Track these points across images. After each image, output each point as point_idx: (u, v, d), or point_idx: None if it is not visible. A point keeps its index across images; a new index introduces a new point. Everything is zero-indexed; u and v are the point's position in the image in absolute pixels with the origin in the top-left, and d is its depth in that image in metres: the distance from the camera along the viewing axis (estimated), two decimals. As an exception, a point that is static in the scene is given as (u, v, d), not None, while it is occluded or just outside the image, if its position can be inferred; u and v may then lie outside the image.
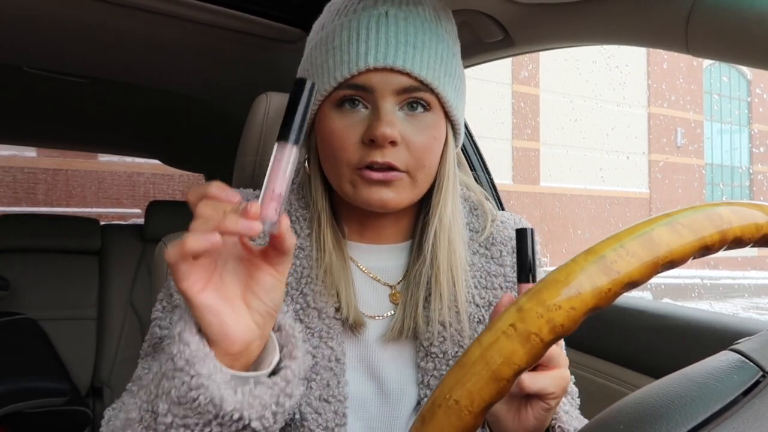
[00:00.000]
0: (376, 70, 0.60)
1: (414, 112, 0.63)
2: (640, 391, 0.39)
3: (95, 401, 2.12)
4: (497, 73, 16.85)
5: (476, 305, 0.70)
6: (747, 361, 0.39)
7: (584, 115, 18.35)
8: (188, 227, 0.46)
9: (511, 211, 0.84)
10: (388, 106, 0.61)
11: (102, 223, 2.36)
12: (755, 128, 22.48)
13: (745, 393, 0.37)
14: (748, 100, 22.46)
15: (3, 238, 2.14)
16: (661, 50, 0.82)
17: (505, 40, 1.05)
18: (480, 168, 1.49)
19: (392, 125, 0.60)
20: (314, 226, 0.68)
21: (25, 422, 1.78)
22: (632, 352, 1.15)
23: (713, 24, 0.69)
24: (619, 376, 1.16)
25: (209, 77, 1.67)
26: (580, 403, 0.73)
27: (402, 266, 0.72)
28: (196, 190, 0.48)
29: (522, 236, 0.61)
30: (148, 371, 0.62)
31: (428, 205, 0.69)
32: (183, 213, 0.47)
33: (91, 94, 1.94)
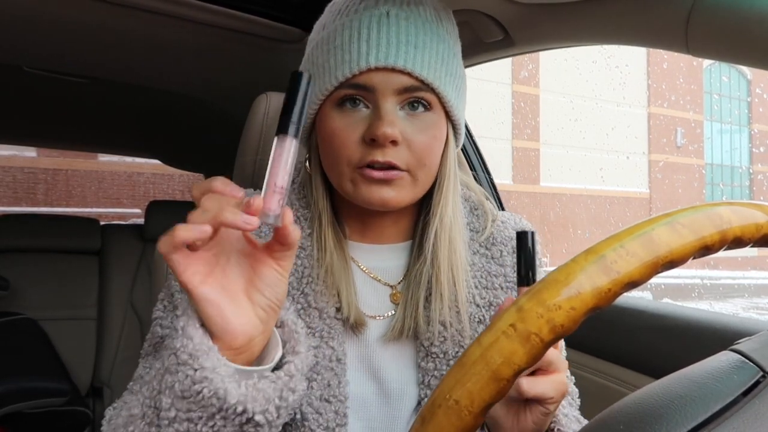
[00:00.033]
0: (378, 69, 0.61)
1: (415, 112, 0.63)
2: (640, 391, 0.39)
3: (95, 401, 2.12)
4: (497, 73, 16.85)
5: (477, 305, 0.70)
6: (747, 361, 0.39)
7: (584, 115, 18.35)
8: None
9: (511, 211, 0.84)
10: (389, 105, 0.61)
11: (102, 223, 2.36)
12: (755, 128, 22.48)
13: (745, 393, 0.36)
14: (748, 100, 22.45)
15: (3, 238, 2.14)
16: (661, 50, 0.82)
17: (505, 40, 1.05)
18: (480, 168, 1.49)
19: (393, 125, 0.60)
20: (315, 225, 0.68)
21: (25, 422, 1.78)
22: (632, 352, 1.15)
23: (713, 24, 0.69)
24: (619, 376, 1.16)
25: (209, 77, 1.67)
26: (580, 403, 0.73)
27: (403, 266, 0.72)
28: (200, 185, 0.49)
29: (522, 239, 0.60)
30: (149, 370, 0.62)
31: (429, 205, 0.69)
32: (183, 213, 0.47)
33: (91, 94, 1.94)
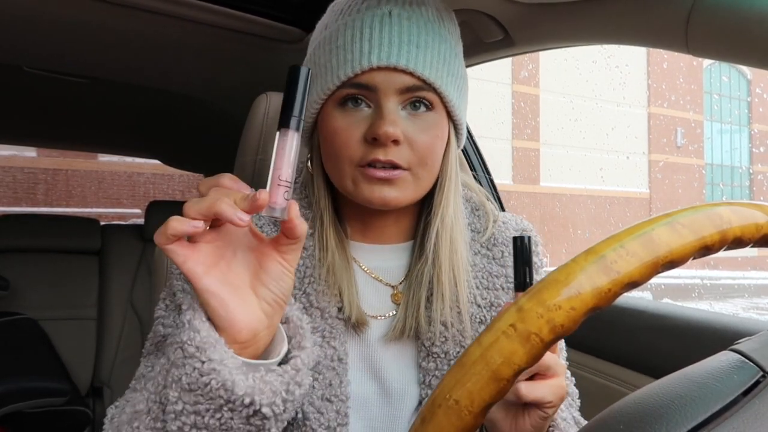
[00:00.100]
0: (380, 69, 0.61)
1: (416, 112, 0.63)
2: (640, 391, 0.39)
3: (95, 401, 2.12)
4: (497, 73, 16.85)
5: (478, 305, 0.70)
6: (747, 361, 0.39)
7: (584, 115, 18.34)
8: None
9: (511, 211, 0.84)
10: (390, 105, 0.61)
11: (102, 223, 2.37)
12: (755, 128, 22.48)
13: (745, 393, 0.36)
14: (748, 100, 22.45)
15: (3, 238, 2.15)
16: (661, 50, 0.82)
17: (505, 40, 1.05)
18: (480, 168, 1.49)
19: (395, 124, 0.60)
20: (317, 225, 0.68)
21: (25, 422, 1.78)
22: (632, 352, 1.15)
23: (713, 24, 0.69)
24: (619, 376, 1.16)
25: (209, 77, 1.67)
26: (580, 403, 0.73)
27: (404, 266, 0.72)
28: (208, 181, 0.49)
29: (517, 244, 0.59)
30: (151, 369, 0.62)
31: (430, 205, 0.70)
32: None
33: (91, 94, 1.94)
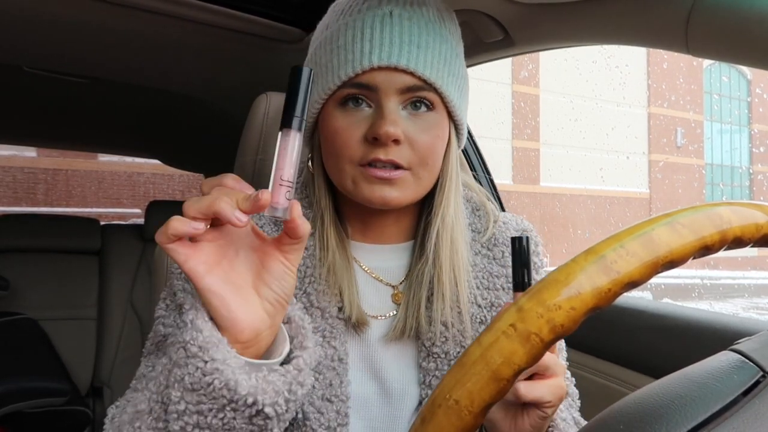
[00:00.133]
0: (380, 69, 0.61)
1: (417, 112, 0.63)
2: (640, 391, 0.39)
3: (95, 401, 2.12)
4: (497, 73, 16.85)
5: (478, 306, 0.70)
6: (747, 361, 0.39)
7: (584, 115, 18.34)
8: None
9: (512, 211, 0.84)
10: (391, 105, 0.61)
11: (102, 223, 2.37)
12: (755, 128, 22.47)
13: (745, 393, 0.36)
14: (748, 100, 22.45)
15: (3, 238, 2.15)
16: (661, 50, 0.82)
17: (505, 40, 1.05)
18: (480, 168, 1.49)
19: (396, 124, 0.60)
20: (317, 225, 0.68)
21: (25, 422, 1.78)
22: (632, 352, 1.15)
23: (713, 24, 0.69)
24: (619, 376, 1.16)
25: (209, 77, 1.67)
26: (580, 404, 0.73)
27: (404, 266, 0.72)
28: (211, 181, 0.49)
29: (515, 245, 0.59)
30: (152, 369, 0.62)
31: (431, 205, 0.70)
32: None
33: (91, 94, 1.94)
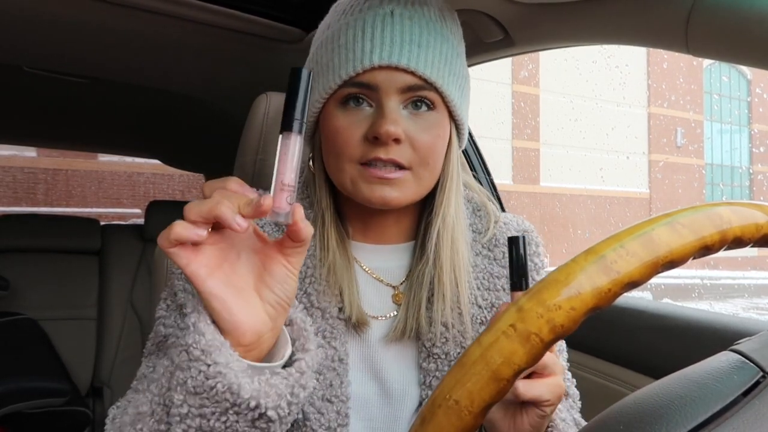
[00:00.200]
0: (381, 68, 0.61)
1: (418, 111, 0.63)
2: (640, 391, 0.39)
3: (95, 401, 2.12)
4: (497, 73, 16.85)
5: (479, 306, 0.70)
6: (747, 361, 0.39)
7: (584, 115, 18.33)
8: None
9: (512, 211, 0.84)
10: (392, 104, 0.61)
11: (102, 223, 2.37)
12: (755, 128, 22.47)
13: (745, 393, 0.36)
14: (748, 100, 22.44)
15: (3, 238, 2.14)
16: (661, 50, 0.82)
17: (505, 40, 1.05)
18: (480, 168, 1.49)
19: (396, 123, 0.60)
20: (318, 224, 0.68)
21: (25, 422, 1.78)
22: (632, 352, 1.15)
23: (713, 24, 0.69)
24: (619, 376, 1.16)
25: (209, 77, 1.67)
26: (581, 404, 0.73)
27: (405, 267, 0.72)
28: (212, 184, 0.48)
29: (512, 244, 0.59)
30: (152, 369, 0.62)
31: (431, 205, 0.70)
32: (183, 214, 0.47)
33: (91, 94, 1.94)
